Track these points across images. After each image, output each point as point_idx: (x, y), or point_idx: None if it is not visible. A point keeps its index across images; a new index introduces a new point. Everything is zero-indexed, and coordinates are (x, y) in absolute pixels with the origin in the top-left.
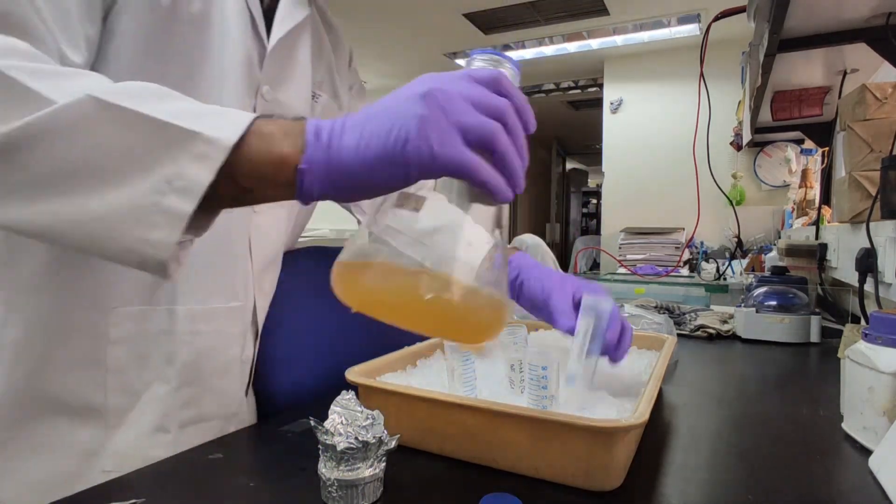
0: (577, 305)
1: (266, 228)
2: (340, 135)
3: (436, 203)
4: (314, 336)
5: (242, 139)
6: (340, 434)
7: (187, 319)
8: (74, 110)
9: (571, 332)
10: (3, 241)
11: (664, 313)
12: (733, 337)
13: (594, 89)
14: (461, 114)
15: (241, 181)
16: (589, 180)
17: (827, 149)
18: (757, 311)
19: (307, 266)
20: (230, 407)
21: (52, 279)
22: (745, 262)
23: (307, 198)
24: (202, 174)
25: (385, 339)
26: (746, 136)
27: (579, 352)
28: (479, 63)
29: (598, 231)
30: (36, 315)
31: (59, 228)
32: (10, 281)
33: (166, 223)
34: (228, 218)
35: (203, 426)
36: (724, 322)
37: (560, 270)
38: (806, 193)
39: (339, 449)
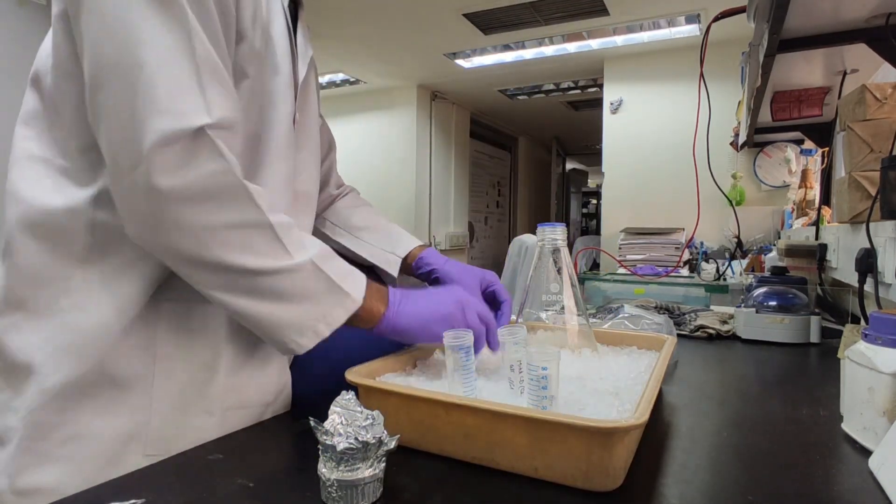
0: (483, 290)
1: (304, 230)
2: (405, 304)
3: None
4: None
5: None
6: (340, 434)
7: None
8: (301, 266)
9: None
10: (82, 240)
11: (664, 314)
12: (733, 337)
13: (594, 89)
14: (471, 317)
15: (350, 321)
16: (589, 180)
17: (827, 149)
18: (757, 312)
19: None
20: (268, 396)
21: (125, 276)
22: (744, 262)
23: (378, 332)
24: (342, 316)
25: (385, 340)
26: (742, 137)
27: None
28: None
29: (597, 231)
30: (108, 306)
31: (251, 319)
32: (88, 275)
33: (312, 337)
34: None
35: (243, 412)
36: (724, 322)
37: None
38: (806, 194)
39: (338, 449)
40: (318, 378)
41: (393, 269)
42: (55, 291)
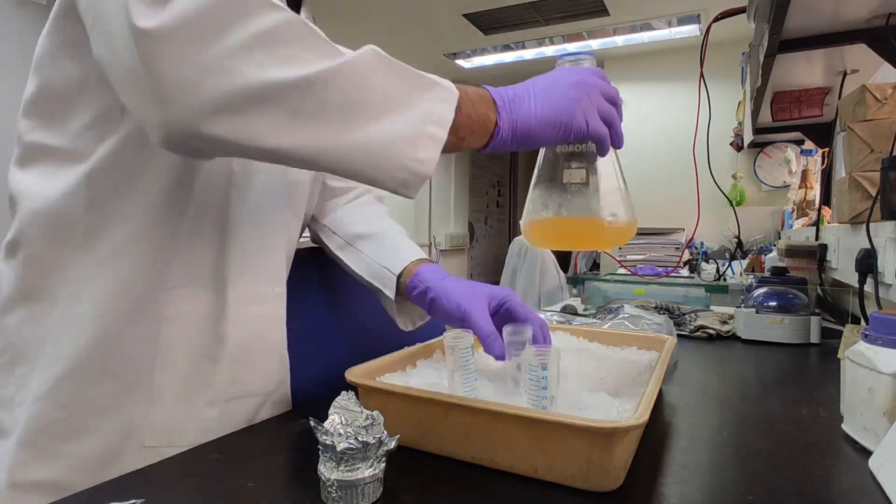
0: (493, 314)
1: (291, 224)
2: (520, 104)
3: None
4: (313, 336)
5: (459, 99)
6: (340, 434)
7: (238, 303)
8: (363, 59)
9: (502, 357)
10: (80, 223)
11: (664, 314)
12: (733, 337)
13: None
14: (598, 100)
15: (458, 132)
16: None
17: (827, 149)
18: (757, 312)
19: (305, 267)
20: (269, 385)
21: (121, 260)
22: (744, 262)
23: (498, 146)
24: (448, 112)
25: (384, 339)
26: (747, 137)
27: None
28: (571, 62)
29: None
30: (103, 293)
31: (341, 151)
32: (84, 260)
33: (431, 145)
34: (263, 212)
35: (245, 401)
36: (724, 323)
37: (560, 271)
38: (806, 194)
39: (338, 449)
40: (316, 377)
41: (390, 289)
42: (56, 281)
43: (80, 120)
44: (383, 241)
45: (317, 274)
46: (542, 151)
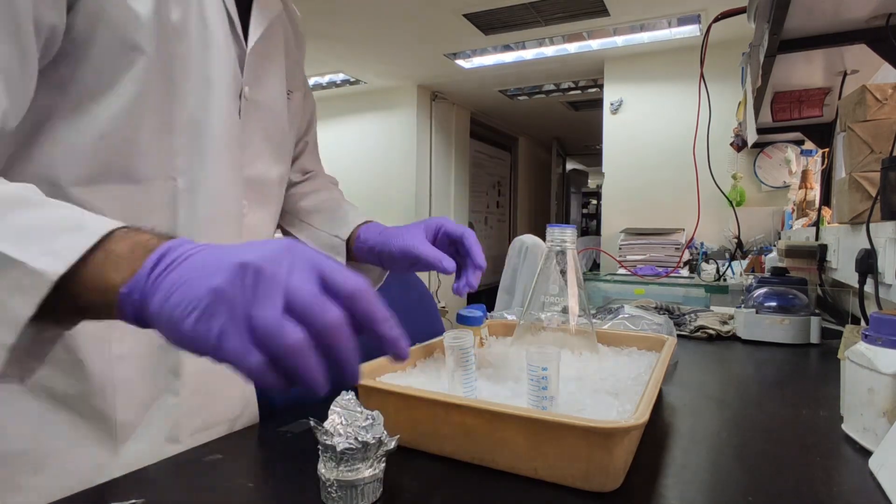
0: (434, 241)
1: (257, 229)
2: (154, 288)
3: None
4: None
5: (82, 262)
6: (340, 434)
7: None
8: None
9: (454, 269)
10: None
11: (664, 314)
12: (733, 338)
13: (594, 90)
14: (264, 306)
15: (69, 301)
16: (589, 181)
17: (827, 150)
18: (757, 312)
19: None
20: (235, 410)
21: None
22: (745, 262)
23: (129, 320)
24: (23, 309)
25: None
26: (750, 138)
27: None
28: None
29: (598, 232)
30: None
31: None
32: None
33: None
34: (218, 223)
35: (210, 431)
36: (724, 323)
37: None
38: (806, 194)
39: (338, 449)
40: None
41: (340, 255)
42: None
43: None
44: (334, 213)
45: None
46: None
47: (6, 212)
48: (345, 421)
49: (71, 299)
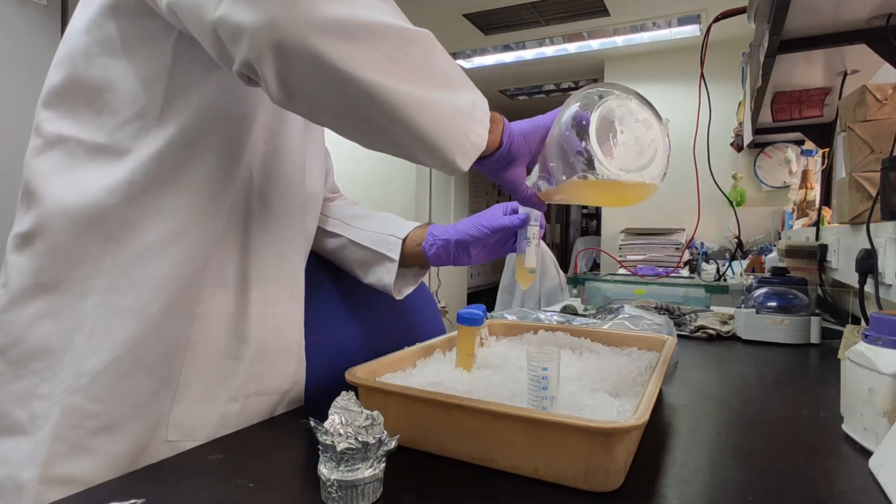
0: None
1: (308, 229)
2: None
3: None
4: (313, 337)
5: None
6: (340, 434)
7: (260, 303)
8: (430, 36)
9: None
10: (115, 216)
11: (664, 314)
12: (733, 338)
13: None
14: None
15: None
16: None
17: (827, 150)
18: (757, 312)
19: (306, 269)
20: (286, 384)
21: (165, 254)
22: (745, 262)
23: (503, 150)
24: (486, 105)
25: (384, 339)
26: (747, 137)
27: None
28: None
29: (598, 232)
30: (148, 286)
31: (421, 104)
32: (121, 253)
33: (481, 124)
34: (284, 217)
35: (264, 399)
36: (724, 323)
37: (560, 271)
38: (806, 194)
39: (338, 449)
40: (310, 377)
41: (394, 252)
42: (88, 271)
43: (116, 116)
44: (384, 218)
45: (315, 276)
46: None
47: (441, 64)
48: (345, 421)
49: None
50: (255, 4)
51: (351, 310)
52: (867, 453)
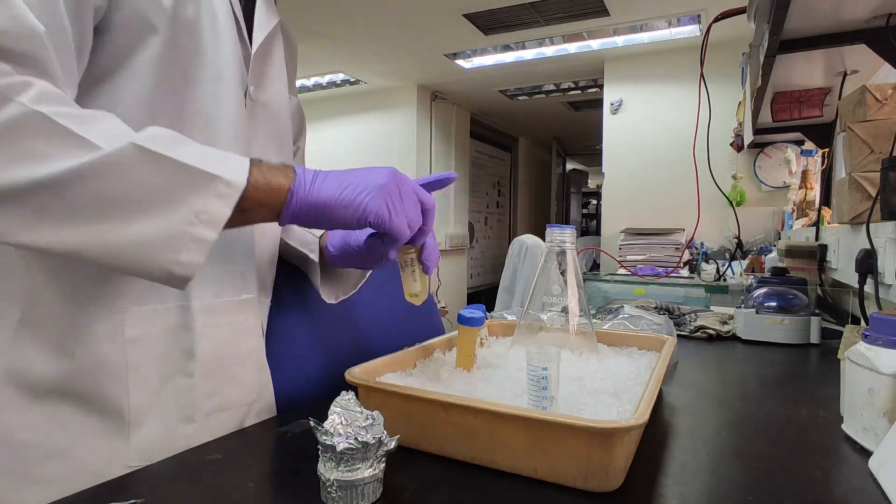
0: None
1: (266, 226)
2: (322, 178)
3: None
4: (313, 337)
5: (249, 172)
6: (340, 434)
7: (203, 314)
8: (120, 155)
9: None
10: (14, 254)
11: (664, 314)
12: (733, 338)
13: (594, 90)
14: (409, 198)
15: (243, 203)
16: (589, 181)
17: (827, 150)
18: (757, 312)
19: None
20: (250, 395)
21: (63, 286)
22: (744, 262)
23: (291, 217)
24: (223, 209)
25: (384, 340)
26: (747, 138)
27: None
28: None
29: (598, 232)
30: (52, 321)
31: (95, 251)
32: (27, 290)
33: (195, 248)
34: None
35: (226, 414)
36: (724, 323)
37: None
38: (806, 194)
39: (338, 449)
40: (310, 377)
41: (314, 253)
42: (2, 299)
43: None
44: None
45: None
46: None
47: (177, 144)
48: (345, 421)
49: (239, 204)
50: None
51: (351, 310)
52: (867, 453)
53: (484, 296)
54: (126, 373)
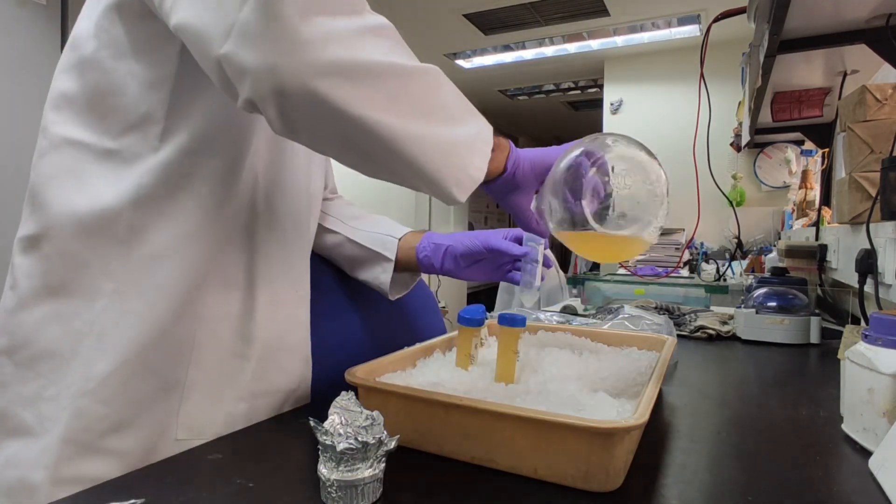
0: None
1: (311, 231)
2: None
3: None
4: (313, 337)
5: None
6: (340, 434)
7: (265, 304)
8: (435, 71)
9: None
10: (124, 220)
11: (664, 314)
12: (733, 338)
13: (594, 90)
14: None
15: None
16: None
17: (827, 150)
18: (757, 312)
19: (321, 270)
20: (293, 383)
21: (172, 257)
22: (744, 262)
23: (506, 176)
24: (490, 135)
25: (385, 339)
26: (747, 138)
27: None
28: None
29: None
30: (154, 289)
31: (419, 141)
32: (129, 256)
33: (481, 156)
34: (288, 218)
35: (270, 398)
36: (724, 323)
37: (560, 271)
38: (806, 194)
39: (338, 449)
40: (325, 375)
41: (390, 252)
42: (96, 275)
43: (121, 120)
44: (380, 219)
45: (315, 277)
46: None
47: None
48: (345, 421)
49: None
50: (258, 48)
51: (351, 310)
52: (867, 453)
53: (484, 296)
54: (192, 348)
